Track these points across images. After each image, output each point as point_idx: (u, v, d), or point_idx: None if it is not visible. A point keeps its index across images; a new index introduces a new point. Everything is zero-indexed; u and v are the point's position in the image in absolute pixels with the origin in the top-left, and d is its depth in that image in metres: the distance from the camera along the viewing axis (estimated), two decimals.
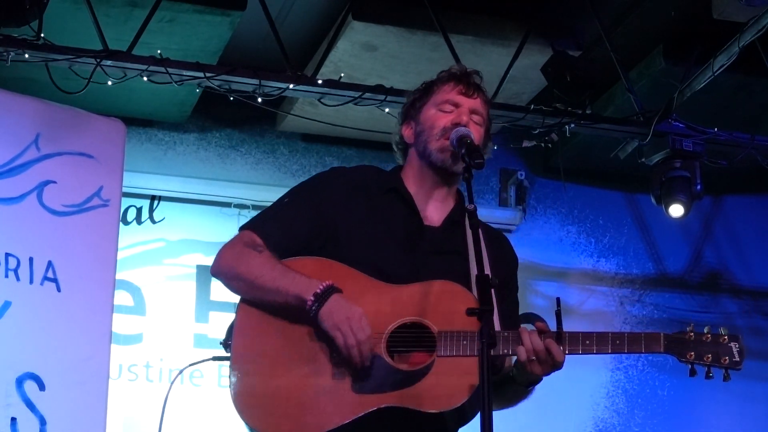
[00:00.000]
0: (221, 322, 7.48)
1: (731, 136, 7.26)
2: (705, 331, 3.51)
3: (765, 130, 7.41)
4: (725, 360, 3.50)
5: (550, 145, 7.46)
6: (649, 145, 7.24)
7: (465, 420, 3.61)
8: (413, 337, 3.50)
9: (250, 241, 3.69)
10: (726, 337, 3.52)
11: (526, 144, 7.50)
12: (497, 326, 3.51)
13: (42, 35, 6.01)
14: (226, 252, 3.73)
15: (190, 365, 3.91)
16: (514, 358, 3.53)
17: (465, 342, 3.41)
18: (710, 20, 6.49)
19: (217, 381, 7.48)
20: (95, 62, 6.20)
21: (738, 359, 3.51)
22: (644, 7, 6.93)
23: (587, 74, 6.77)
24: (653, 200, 7.36)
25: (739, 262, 8.70)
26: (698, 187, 7.18)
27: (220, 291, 7.60)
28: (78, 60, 6.20)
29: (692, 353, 3.49)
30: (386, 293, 3.55)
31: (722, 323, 8.44)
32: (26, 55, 6.09)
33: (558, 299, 3.46)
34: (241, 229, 3.78)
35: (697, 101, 7.12)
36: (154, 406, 7.30)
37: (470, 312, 3.23)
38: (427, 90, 3.81)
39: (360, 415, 3.42)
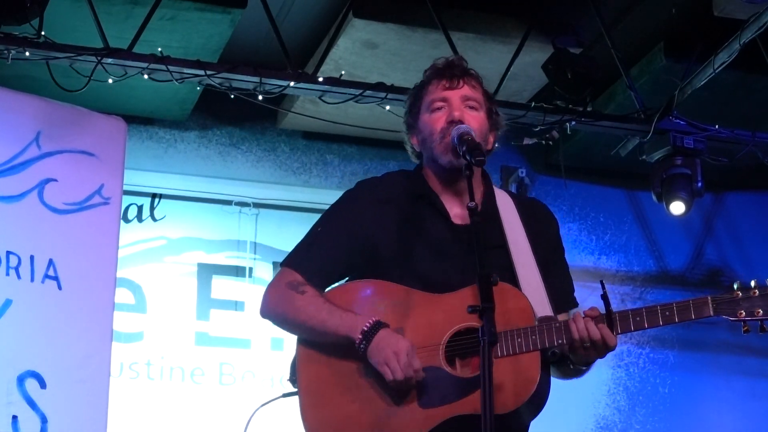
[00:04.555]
0: (222, 319, 7.54)
1: (732, 134, 7.26)
2: (752, 285, 3.45)
3: (766, 127, 7.41)
4: None
5: (551, 142, 7.46)
6: (650, 142, 7.25)
7: (537, 412, 3.60)
8: (470, 343, 3.49)
9: (292, 281, 3.68)
10: None
11: (527, 141, 7.50)
12: (549, 309, 3.56)
13: (43, 33, 6.02)
14: (270, 295, 3.75)
15: (263, 405, 3.91)
16: None
17: (519, 339, 3.41)
18: (711, 17, 6.49)
19: (219, 379, 7.49)
20: (96, 60, 6.20)
21: None
22: (645, 5, 6.94)
23: (588, 72, 6.77)
24: (654, 197, 7.36)
25: (740, 259, 8.70)
26: (699, 184, 7.19)
27: (221, 289, 7.64)
28: (79, 58, 6.20)
29: (742, 311, 3.45)
30: (436, 303, 3.55)
31: (723, 320, 8.52)
32: (27, 53, 6.10)
33: (602, 282, 3.45)
34: (281, 265, 3.78)
35: (698, 98, 7.12)
36: (155, 404, 7.32)
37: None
38: (417, 95, 3.79)
39: (431, 428, 3.44)
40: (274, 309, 3.72)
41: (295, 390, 3.66)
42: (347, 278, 3.75)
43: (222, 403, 7.42)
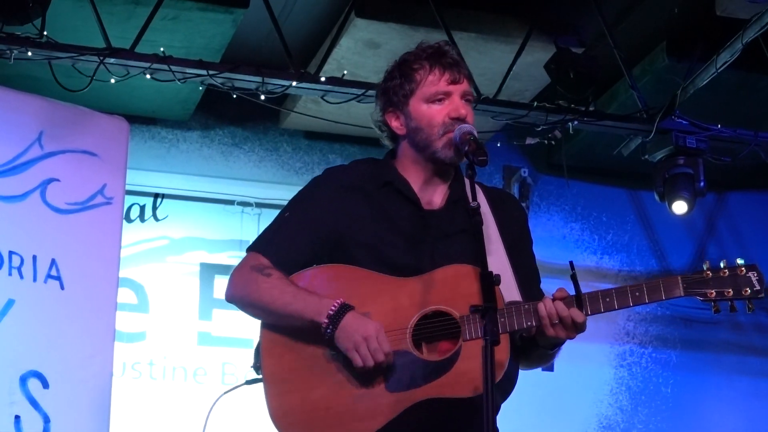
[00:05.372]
0: (225, 319, 7.53)
1: (734, 133, 7.26)
2: (721, 266, 3.45)
3: None
4: (746, 291, 3.40)
5: (553, 142, 7.47)
6: (652, 142, 7.24)
7: (506, 395, 3.60)
8: (437, 326, 3.48)
9: (257, 264, 3.64)
10: (743, 268, 3.44)
11: (529, 141, 7.50)
12: (517, 293, 3.55)
13: (45, 33, 6.02)
14: (235, 278, 3.71)
15: (225, 393, 3.90)
16: None
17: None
18: (713, 17, 6.49)
19: (221, 379, 7.49)
20: (98, 60, 6.21)
21: (758, 287, 3.41)
22: (647, 4, 6.93)
23: (590, 71, 6.77)
24: (656, 197, 7.36)
25: (742, 259, 8.68)
26: (701, 183, 7.18)
27: (223, 288, 7.60)
28: (81, 58, 6.21)
29: (713, 291, 3.42)
30: (402, 287, 3.53)
31: (725, 320, 8.54)
32: (29, 53, 6.10)
33: (571, 263, 3.44)
34: (248, 250, 3.75)
35: (701, 98, 7.11)
36: (157, 404, 7.32)
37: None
38: (408, 77, 3.70)
39: (399, 412, 3.42)
40: (239, 292, 3.68)
41: (259, 377, 3.61)
42: (315, 264, 3.69)
43: (224, 402, 7.40)
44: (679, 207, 7.26)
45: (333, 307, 3.46)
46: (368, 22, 6.67)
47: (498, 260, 3.58)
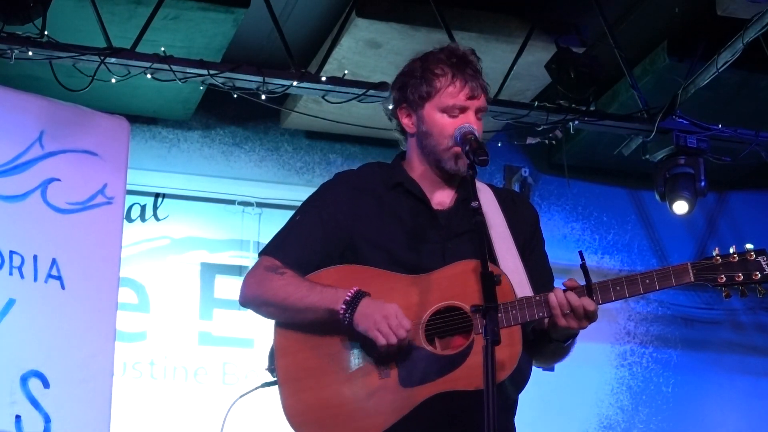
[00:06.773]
0: (225, 319, 7.53)
1: (735, 133, 7.26)
2: (731, 251, 3.46)
3: None
4: (756, 275, 3.42)
5: (554, 141, 7.46)
6: (653, 141, 7.24)
7: (521, 387, 3.62)
8: (449, 321, 3.49)
9: (270, 266, 3.66)
10: (753, 253, 3.45)
11: (530, 141, 7.50)
12: (528, 289, 3.56)
13: (46, 33, 6.02)
14: (248, 280, 3.73)
15: (242, 396, 3.93)
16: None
17: (500, 315, 3.35)
18: (714, 17, 6.49)
19: (222, 379, 7.49)
20: (99, 60, 6.21)
21: None
22: (648, 4, 6.94)
23: (591, 71, 6.76)
24: (657, 197, 7.36)
25: (752, 245, 8.69)
26: (702, 183, 7.18)
27: (224, 288, 7.65)
28: (82, 57, 6.21)
29: (722, 276, 3.44)
30: (414, 284, 3.55)
31: (726, 320, 8.54)
32: (30, 53, 6.10)
33: (581, 252, 3.44)
34: (260, 254, 3.77)
35: (701, 98, 7.12)
36: (158, 404, 7.32)
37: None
38: (428, 81, 3.72)
39: (413, 407, 3.43)
40: (253, 292, 3.69)
41: (275, 379, 3.63)
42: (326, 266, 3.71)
43: (225, 402, 7.39)
44: (680, 207, 7.26)
45: (349, 294, 3.48)
46: (369, 22, 6.67)
47: (510, 259, 3.62)
